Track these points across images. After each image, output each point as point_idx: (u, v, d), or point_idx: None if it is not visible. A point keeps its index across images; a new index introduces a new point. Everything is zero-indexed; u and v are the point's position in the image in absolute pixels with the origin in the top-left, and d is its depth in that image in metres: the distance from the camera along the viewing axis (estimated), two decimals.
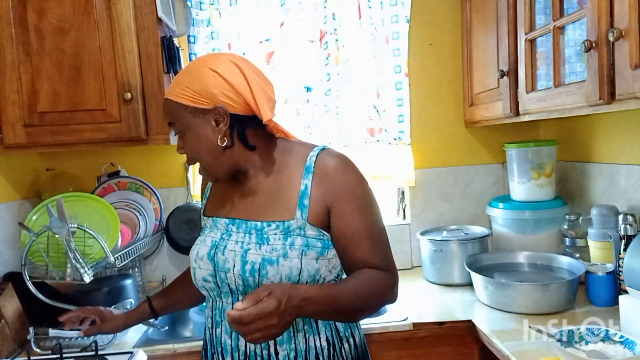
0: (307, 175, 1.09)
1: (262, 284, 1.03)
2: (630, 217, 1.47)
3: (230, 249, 1.09)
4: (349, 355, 1.12)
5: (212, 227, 1.17)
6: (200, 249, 1.14)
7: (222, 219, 1.16)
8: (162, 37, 1.70)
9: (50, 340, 1.53)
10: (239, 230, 1.11)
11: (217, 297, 1.13)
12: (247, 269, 1.05)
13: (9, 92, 1.57)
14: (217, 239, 1.13)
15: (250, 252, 1.07)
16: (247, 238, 1.09)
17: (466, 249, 1.86)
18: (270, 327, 0.88)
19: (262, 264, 1.04)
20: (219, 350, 1.12)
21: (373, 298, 1.07)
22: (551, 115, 1.42)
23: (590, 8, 1.13)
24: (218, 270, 1.09)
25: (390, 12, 2.00)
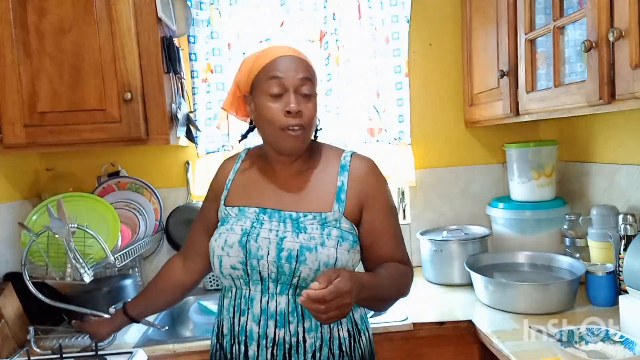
0: (342, 173, 1.17)
1: (298, 270, 1.08)
2: (630, 217, 1.47)
3: (263, 237, 1.11)
4: (365, 347, 1.18)
5: (238, 216, 1.17)
6: (228, 237, 1.14)
7: (250, 208, 1.17)
8: (162, 37, 1.70)
9: (50, 340, 1.53)
10: (271, 219, 1.14)
11: (245, 285, 1.14)
12: (283, 255, 1.09)
13: (9, 92, 1.57)
14: (248, 227, 1.14)
15: (287, 239, 1.10)
16: (282, 227, 1.12)
17: (466, 249, 1.86)
18: (344, 306, 0.95)
19: (300, 251, 1.08)
20: (243, 339, 1.12)
21: (402, 288, 1.18)
22: (551, 115, 1.42)
23: (590, 8, 1.13)
24: (250, 258, 1.11)
25: (390, 12, 2.00)
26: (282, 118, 1.11)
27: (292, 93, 1.11)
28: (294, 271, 1.08)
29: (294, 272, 1.09)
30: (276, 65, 1.12)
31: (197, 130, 1.93)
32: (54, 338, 1.55)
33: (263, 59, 1.14)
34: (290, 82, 1.11)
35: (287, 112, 1.10)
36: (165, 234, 2.03)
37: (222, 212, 1.22)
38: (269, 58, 1.13)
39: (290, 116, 1.11)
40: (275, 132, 1.13)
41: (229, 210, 1.20)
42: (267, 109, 1.12)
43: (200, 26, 1.95)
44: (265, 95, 1.12)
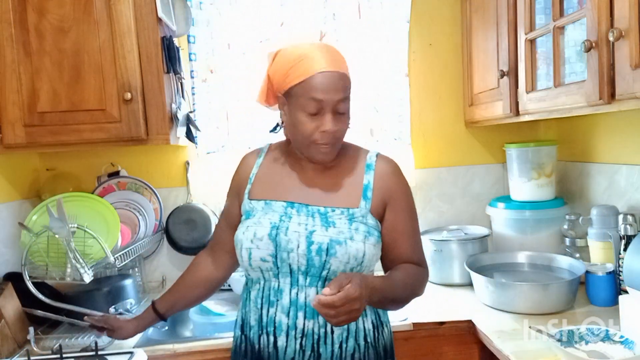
0: (369, 172, 1.21)
1: (328, 263, 1.11)
2: (630, 217, 1.47)
3: (293, 230, 1.13)
4: (387, 339, 1.22)
5: (265, 210, 1.18)
6: (257, 230, 1.15)
7: (277, 202, 1.19)
8: (162, 37, 1.70)
9: (50, 340, 1.53)
10: (299, 214, 1.16)
11: (274, 277, 1.15)
12: (313, 249, 1.11)
13: (9, 92, 1.57)
14: (276, 220, 1.15)
15: (316, 233, 1.12)
16: (311, 220, 1.15)
17: (466, 249, 1.86)
18: (354, 311, 0.98)
19: (330, 244, 1.11)
20: (271, 330, 1.14)
21: (415, 290, 1.21)
22: (551, 115, 1.42)
23: (590, 8, 1.13)
24: (280, 250, 1.13)
25: (390, 12, 2.00)
26: (316, 134, 1.12)
27: (329, 112, 1.11)
28: (324, 264, 1.11)
29: (324, 265, 1.11)
30: (316, 85, 1.09)
31: (197, 130, 1.93)
32: (54, 338, 1.55)
33: (303, 71, 1.10)
34: (329, 103, 1.10)
35: (323, 132, 1.12)
36: (165, 234, 2.03)
37: (247, 205, 1.22)
38: (309, 72, 1.09)
39: (324, 135, 1.12)
40: (306, 144, 1.15)
41: (254, 204, 1.21)
42: (302, 125, 1.12)
43: (200, 26, 1.95)
44: (302, 111, 1.11)
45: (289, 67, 1.12)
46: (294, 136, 1.17)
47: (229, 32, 1.97)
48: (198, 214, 2.03)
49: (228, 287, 1.96)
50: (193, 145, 2.00)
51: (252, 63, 1.99)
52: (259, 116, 2.00)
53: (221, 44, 1.97)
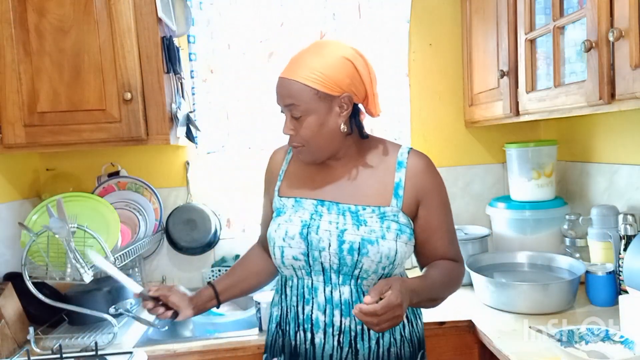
0: (400, 170, 1.19)
1: (360, 262, 1.11)
2: (630, 217, 1.47)
3: (324, 229, 1.13)
4: (420, 331, 1.24)
5: (295, 207, 1.18)
6: (288, 228, 1.16)
7: (307, 199, 1.19)
8: (162, 37, 1.70)
9: (50, 340, 1.53)
10: (330, 212, 1.16)
11: (306, 275, 1.16)
12: (345, 248, 1.11)
13: (9, 92, 1.57)
14: (307, 218, 1.16)
15: (348, 232, 1.12)
16: (342, 219, 1.14)
17: (466, 249, 1.86)
18: (396, 318, 0.98)
19: (362, 244, 1.11)
20: (309, 327, 1.14)
21: (452, 287, 1.21)
22: (551, 115, 1.42)
23: (590, 8, 1.13)
24: (311, 249, 1.13)
25: (390, 12, 2.00)
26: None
27: (287, 116, 1.16)
28: (356, 263, 1.11)
29: (356, 264, 1.11)
30: (276, 90, 1.16)
31: (197, 130, 1.93)
32: (54, 338, 1.55)
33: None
34: (285, 107, 1.15)
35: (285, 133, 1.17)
36: (165, 234, 2.03)
37: (277, 202, 1.23)
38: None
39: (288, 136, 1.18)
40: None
41: (284, 201, 1.21)
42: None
43: (200, 26, 1.95)
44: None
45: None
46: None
47: (229, 32, 1.98)
48: (198, 214, 2.03)
49: None
50: (193, 145, 2.00)
51: (252, 63, 1.99)
52: (259, 116, 2.00)
53: (221, 44, 1.97)
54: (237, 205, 2.12)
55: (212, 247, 2.06)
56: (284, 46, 2.00)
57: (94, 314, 1.54)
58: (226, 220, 2.13)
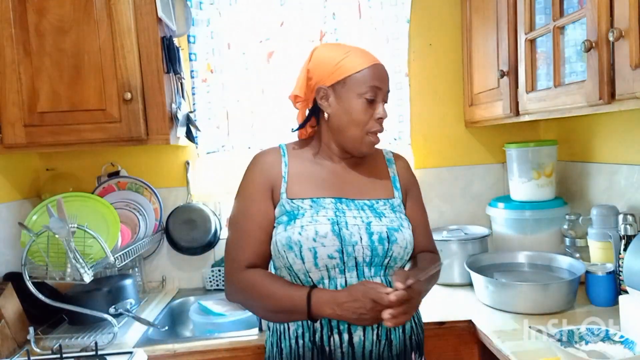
0: (391, 166, 1.33)
1: (391, 250, 1.16)
2: (630, 217, 1.47)
3: (352, 224, 1.16)
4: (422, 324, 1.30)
5: (315, 207, 1.18)
6: (318, 227, 1.14)
7: (326, 198, 1.20)
8: (162, 37, 1.70)
9: (50, 340, 1.53)
10: (350, 208, 1.19)
11: (340, 273, 1.15)
12: (375, 239, 1.16)
13: (9, 92, 1.57)
14: (332, 216, 1.16)
15: (373, 224, 1.17)
16: (363, 213, 1.19)
17: (466, 249, 1.86)
18: (416, 307, 1.10)
19: (389, 233, 1.17)
20: (345, 328, 1.13)
21: (437, 277, 1.31)
22: (551, 115, 1.42)
23: (590, 8, 1.13)
24: (345, 245, 1.14)
25: (390, 12, 2.00)
26: (372, 122, 1.20)
27: (381, 102, 1.21)
28: (387, 252, 1.16)
29: (387, 253, 1.16)
30: (375, 74, 1.19)
31: (197, 130, 1.93)
32: (54, 338, 1.55)
33: (360, 61, 1.19)
34: (383, 92, 1.21)
35: (378, 119, 1.20)
36: (165, 234, 2.03)
37: (286, 205, 1.19)
38: (367, 62, 1.19)
39: (378, 122, 1.21)
40: (357, 134, 1.20)
41: (297, 203, 1.19)
42: (359, 112, 1.19)
43: (200, 26, 1.95)
44: (359, 98, 1.18)
45: (338, 60, 1.19)
46: (345, 127, 1.21)
47: (229, 32, 1.98)
48: (198, 214, 2.03)
49: None
50: (193, 145, 2.00)
51: (252, 63, 1.99)
52: (259, 116, 2.00)
53: (221, 44, 1.97)
54: None
55: (212, 247, 2.06)
56: (284, 46, 2.00)
57: (94, 314, 1.54)
58: (226, 220, 2.12)
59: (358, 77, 1.18)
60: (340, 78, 1.18)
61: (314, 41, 2.01)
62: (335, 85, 1.19)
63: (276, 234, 1.17)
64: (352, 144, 1.22)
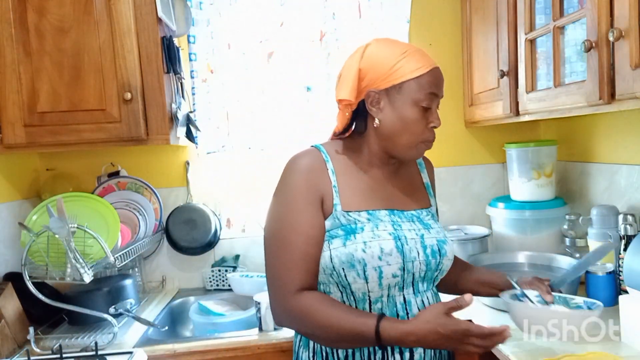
0: (423, 172, 1.27)
1: (441, 264, 1.12)
2: (630, 217, 1.47)
3: (410, 238, 1.09)
4: None
5: (373, 221, 1.08)
6: (382, 244, 1.05)
7: (380, 211, 1.11)
8: (162, 37, 1.70)
9: (50, 340, 1.53)
10: (402, 220, 1.12)
11: (399, 291, 1.08)
12: (429, 252, 1.10)
13: (9, 92, 1.57)
14: (392, 230, 1.08)
15: (426, 237, 1.12)
16: (414, 225, 1.13)
17: (466, 249, 1.86)
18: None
19: (439, 245, 1.12)
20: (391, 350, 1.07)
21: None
22: (551, 115, 1.42)
23: (590, 8, 1.13)
24: (406, 262, 1.07)
25: (390, 12, 2.00)
26: (425, 131, 1.11)
27: (435, 109, 1.13)
28: (438, 265, 1.12)
29: (438, 266, 1.12)
30: (434, 80, 1.10)
31: (197, 130, 1.93)
32: (54, 338, 1.55)
33: (419, 64, 1.08)
34: (439, 99, 1.13)
35: (433, 127, 1.12)
36: (165, 234, 2.03)
37: (342, 218, 1.07)
38: (427, 67, 1.09)
39: (431, 131, 1.13)
40: (410, 141, 1.10)
41: (354, 216, 1.08)
42: (414, 121, 1.09)
43: (200, 26, 1.95)
44: (415, 105, 1.08)
45: (395, 61, 1.08)
46: (397, 135, 1.10)
47: (229, 32, 1.98)
48: (198, 214, 2.03)
49: (228, 287, 1.96)
50: (193, 145, 2.00)
51: (252, 63, 1.99)
52: (259, 116, 2.00)
53: (221, 44, 1.97)
54: (237, 205, 2.12)
55: (212, 247, 2.06)
56: (284, 46, 2.00)
57: (94, 314, 1.54)
58: (226, 220, 2.13)
59: (416, 83, 1.08)
60: (396, 82, 1.08)
61: (314, 41, 2.01)
62: (389, 89, 1.08)
63: (331, 249, 1.05)
64: (404, 152, 1.12)
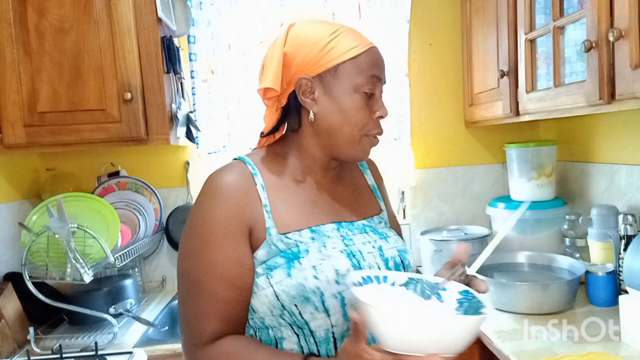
0: (366, 172, 1.08)
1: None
2: (630, 217, 1.47)
3: (367, 252, 0.92)
4: None
5: (319, 239, 0.90)
6: (336, 263, 0.87)
7: (325, 225, 0.92)
8: (162, 37, 1.70)
9: (50, 340, 1.53)
10: (353, 233, 0.94)
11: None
12: (391, 266, 0.94)
13: (9, 92, 1.57)
14: (343, 247, 0.90)
15: (384, 248, 0.95)
16: (368, 237, 0.96)
17: None
18: None
19: (401, 256, 0.97)
20: None
21: None
22: (551, 115, 1.42)
23: (590, 8, 1.13)
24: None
25: (390, 12, 2.01)
26: (370, 123, 0.93)
27: (379, 95, 0.94)
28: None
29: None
30: (374, 60, 0.92)
31: (197, 130, 1.93)
32: (54, 338, 1.55)
33: (354, 43, 0.91)
34: (382, 83, 0.94)
35: (379, 117, 0.93)
36: (165, 234, 2.03)
37: (279, 243, 0.87)
38: (363, 46, 0.91)
39: (377, 122, 0.94)
40: (352, 135, 0.92)
41: (294, 237, 0.88)
42: (356, 111, 0.91)
43: (200, 26, 1.95)
44: (355, 91, 0.90)
45: (326, 41, 0.90)
46: (337, 128, 0.92)
47: (229, 32, 1.98)
48: None
49: None
50: (193, 145, 2.00)
51: (253, 63, 1.99)
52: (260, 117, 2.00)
53: (221, 44, 1.97)
54: None
55: None
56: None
57: (94, 314, 1.54)
58: None
59: (353, 65, 0.90)
60: (330, 66, 0.90)
61: None
62: (323, 75, 0.90)
63: (273, 285, 0.85)
64: (346, 150, 0.93)
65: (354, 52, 0.90)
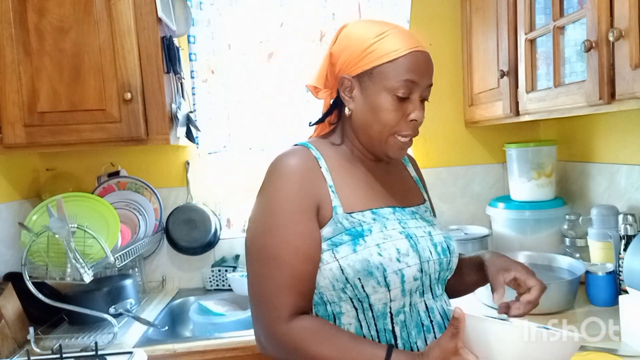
0: (408, 165, 1.18)
1: (451, 262, 1.03)
2: (630, 217, 1.47)
3: (420, 236, 0.98)
4: None
5: (378, 220, 0.97)
6: (397, 243, 0.93)
7: (383, 208, 1.00)
8: (162, 37, 1.70)
9: (50, 340, 1.53)
10: (406, 217, 1.01)
11: (419, 298, 0.97)
12: (440, 251, 1.00)
13: (9, 92, 1.57)
14: (401, 229, 0.97)
15: (433, 234, 1.02)
16: (419, 222, 1.02)
17: (466, 249, 1.86)
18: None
19: (447, 242, 1.03)
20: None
21: None
22: (551, 115, 1.42)
23: (590, 8, 1.13)
24: (422, 262, 0.96)
25: (390, 12, 2.00)
26: (401, 124, 0.97)
27: (417, 99, 0.97)
28: (449, 264, 1.02)
29: (449, 265, 1.02)
30: (412, 64, 0.94)
31: (197, 130, 1.93)
32: (54, 338, 1.55)
33: (394, 47, 0.94)
34: (421, 87, 0.97)
35: (411, 120, 0.97)
36: (165, 234, 2.03)
37: (344, 221, 0.94)
38: (405, 49, 0.94)
39: (411, 124, 0.98)
40: (384, 136, 0.97)
41: (358, 217, 0.95)
42: (386, 112, 0.95)
43: (200, 26, 1.95)
44: (388, 94, 0.95)
45: (370, 43, 0.95)
46: (369, 126, 0.98)
47: (229, 32, 1.98)
48: (198, 214, 2.03)
49: (228, 287, 1.96)
50: (193, 145, 2.00)
51: (253, 63, 1.99)
52: (260, 117, 2.00)
53: (221, 44, 1.97)
54: (237, 205, 2.12)
55: (212, 247, 2.06)
56: (284, 46, 2.00)
57: (94, 314, 1.54)
58: (226, 220, 2.13)
59: (389, 68, 0.94)
60: (367, 67, 0.95)
61: (314, 41, 2.01)
62: (361, 75, 0.96)
63: (338, 259, 0.91)
64: (377, 147, 1.00)
65: (393, 55, 0.94)
